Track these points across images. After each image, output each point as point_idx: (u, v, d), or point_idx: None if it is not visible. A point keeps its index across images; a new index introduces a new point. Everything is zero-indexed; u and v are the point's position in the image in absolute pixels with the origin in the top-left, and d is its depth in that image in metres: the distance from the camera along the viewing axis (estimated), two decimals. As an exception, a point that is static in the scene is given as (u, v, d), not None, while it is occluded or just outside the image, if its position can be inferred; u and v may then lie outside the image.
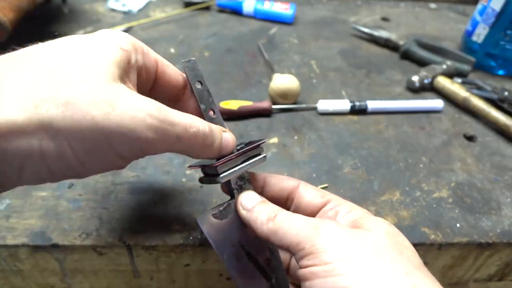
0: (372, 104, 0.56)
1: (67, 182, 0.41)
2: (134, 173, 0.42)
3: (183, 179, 0.42)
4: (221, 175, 0.29)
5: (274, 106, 0.54)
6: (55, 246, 0.35)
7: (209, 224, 0.29)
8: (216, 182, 0.30)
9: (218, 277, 0.40)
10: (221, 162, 0.29)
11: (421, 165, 0.47)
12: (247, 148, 0.30)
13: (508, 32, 0.64)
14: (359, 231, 0.25)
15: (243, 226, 0.30)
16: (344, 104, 0.55)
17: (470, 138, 0.53)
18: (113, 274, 0.39)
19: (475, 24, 0.69)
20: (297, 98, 0.56)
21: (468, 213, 0.42)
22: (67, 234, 0.35)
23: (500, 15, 0.63)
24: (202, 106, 0.31)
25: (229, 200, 0.31)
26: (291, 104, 0.55)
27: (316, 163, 0.46)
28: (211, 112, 0.31)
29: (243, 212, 0.29)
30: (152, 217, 0.38)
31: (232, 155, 0.29)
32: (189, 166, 0.33)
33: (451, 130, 0.54)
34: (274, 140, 0.49)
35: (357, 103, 0.55)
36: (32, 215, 0.37)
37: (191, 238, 0.36)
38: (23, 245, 0.35)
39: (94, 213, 0.37)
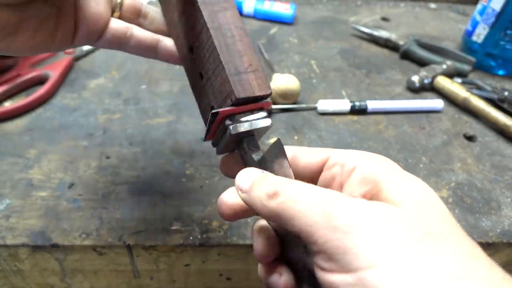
0: (372, 104, 0.56)
1: (67, 182, 0.41)
2: (134, 173, 0.42)
3: (183, 179, 0.42)
4: (230, 127, 0.25)
5: (274, 106, 0.54)
6: (55, 246, 0.35)
7: None
8: (228, 137, 0.25)
9: (218, 277, 0.40)
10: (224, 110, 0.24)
11: (421, 165, 0.47)
12: (253, 104, 0.26)
13: (508, 32, 0.64)
14: (385, 210, 0.18)
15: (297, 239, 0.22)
16: (344, 104, 0.55)
17: (470, 138, 0.53)
18: (113, 274, 0.39)
19: (475, 24, 0.69)
20: (297, 98, 0.56)
21: (468, 213, 0.42)
22: (67, 234, 0.35)
23: (500, 15, 0.63)
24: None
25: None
26: (291, 104, 0.55)
27: (316, 163, 0.46)
28: None
29: (242, 196, 0.22)
30: (152, 217, 0.38)
31: (235, 107, 0.25)
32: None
33: (451, 130, 0.54)
34: (274, 140, 0.49)
35: (357, 103, 0.55)
36: (32, 215, 0.37)
37: (191, 238, 0.36)
38: (23, 245, 0.35)
39: (94, 213, 0.38)
